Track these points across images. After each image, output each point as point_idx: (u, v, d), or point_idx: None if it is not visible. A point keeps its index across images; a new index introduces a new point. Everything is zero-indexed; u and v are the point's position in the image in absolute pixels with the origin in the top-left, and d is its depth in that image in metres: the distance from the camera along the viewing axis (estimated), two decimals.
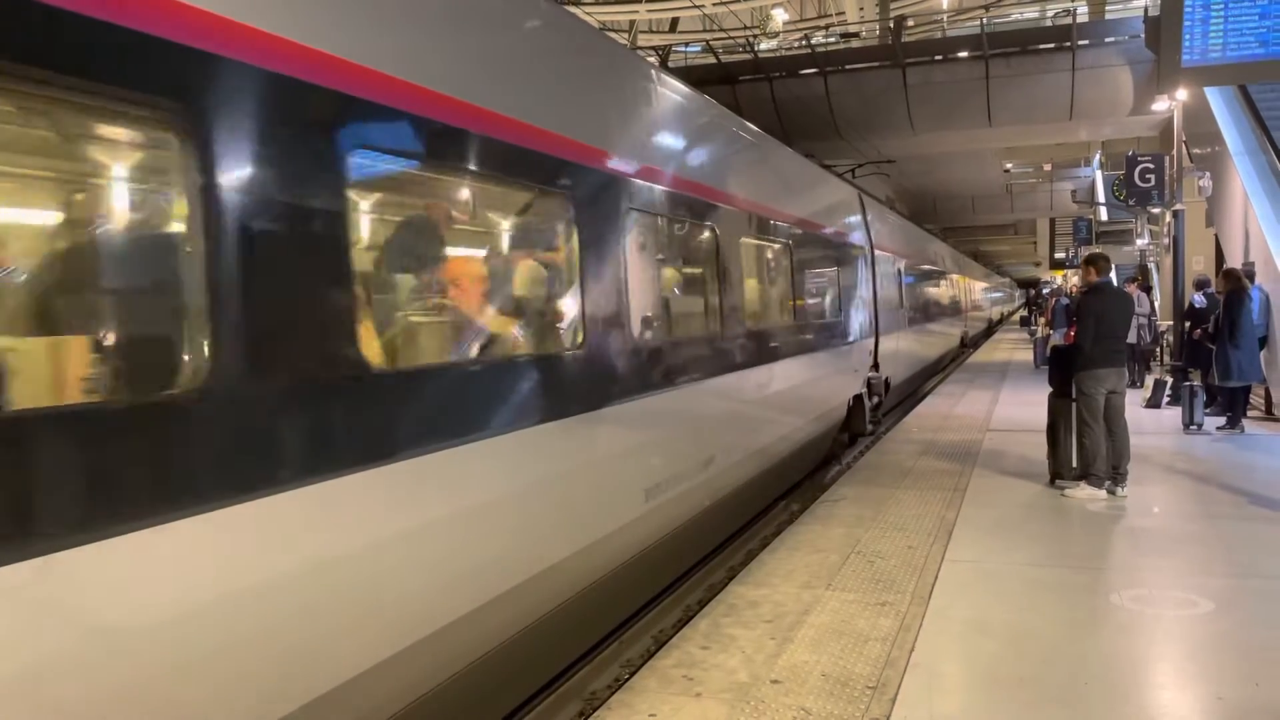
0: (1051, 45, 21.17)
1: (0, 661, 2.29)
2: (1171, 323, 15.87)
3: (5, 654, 2.29)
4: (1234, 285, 11.56)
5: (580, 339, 5.08)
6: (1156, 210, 18.09)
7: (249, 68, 2.89)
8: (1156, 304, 19.35)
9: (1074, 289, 23.27)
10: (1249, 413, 12.21)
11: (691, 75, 20.69)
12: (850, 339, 12.04)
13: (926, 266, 21.71)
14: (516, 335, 4.78)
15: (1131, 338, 13.35)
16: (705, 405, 6.93)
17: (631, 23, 33.03)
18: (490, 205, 4.88)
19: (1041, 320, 26.62)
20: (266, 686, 3.01)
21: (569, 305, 5.08)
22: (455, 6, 4.27)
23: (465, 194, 4.55)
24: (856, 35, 28.33)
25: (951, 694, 4.40)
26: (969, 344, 32.20)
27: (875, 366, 13.47)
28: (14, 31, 2.34)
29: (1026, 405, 13.37)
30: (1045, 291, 35.27)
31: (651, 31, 34.81)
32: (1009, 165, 33.00)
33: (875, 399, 13.31)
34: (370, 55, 3.47)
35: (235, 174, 2.88)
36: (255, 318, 2.92)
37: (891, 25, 26.62)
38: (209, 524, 2.75)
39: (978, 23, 23.47)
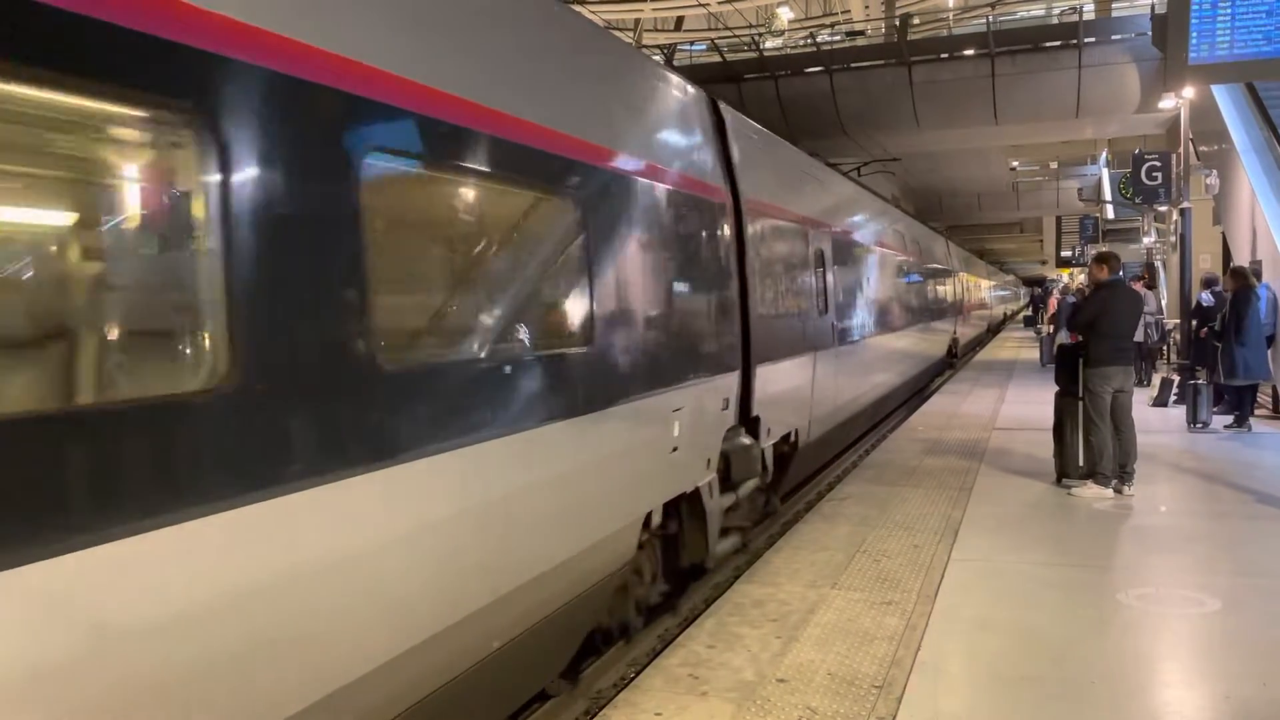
0: (1057, 43, 21.10)
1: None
2: (1178, 321, 15.83)
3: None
4: (1241, 283, 11.54)
5: None
6: (1163, 208, 18.06)
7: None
8: (1164, 302, 19.30)
9: (1080, 286, 23.22)
10: (1256, 411, 12.19)
11: (696, 74, 20.67)
12: (658, 384, 5.75)
13: (883, 250, 14.77)
14: None
15: (1138, 336, 13.33)
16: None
17: (636, 21, 33.02)
18: None
19: (1045, 318, 26.41)
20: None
21: None
22: None
23: None
24: (862, 33, 28.29)
25: (957, 693, 4.39)
26: (960, 353, 25.98)
27: (747, 423, 7.41)
28: None
29: (1033, 404, 13.36)
30: (1051, 290, 34.90)
31: (656, 30, 34.82)
32: (1015, 163, 32.94)
33: (754, 480, 7.53)
34: None
35: None
36: None
37: (897, 23, 26.57)
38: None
39: (983, 20, 23.45)
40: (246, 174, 2.97)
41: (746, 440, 7.32)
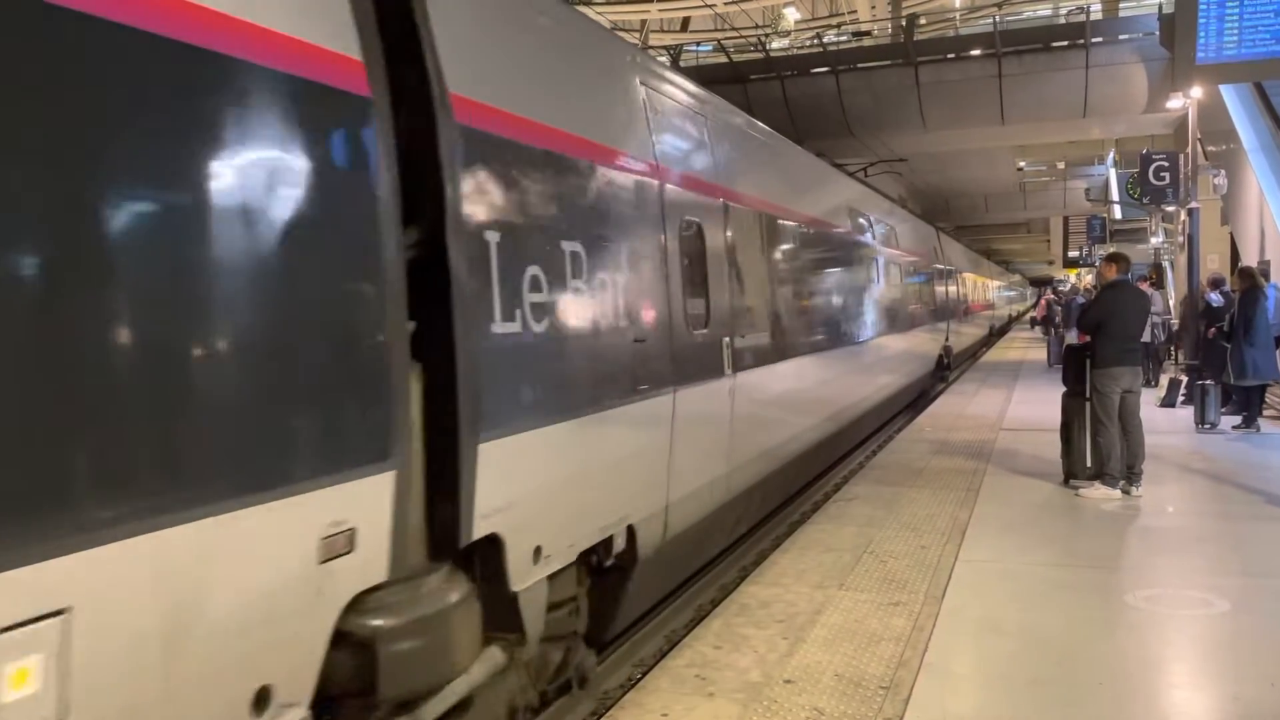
0: (1064, 43, 21.07)
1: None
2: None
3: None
4: (1249, 283, 11.50)
5: None
6: (1171, 208, 18.01)
7: None
8: (1172, 302, 19.25)
9: (1088, 285, 23.15)
10: (1265, 411, 12.14)
11: (703, 74, 20.66)
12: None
13: (831, 233, 11.04)
14: None
15: (1145, 336, 13.28)
16: None
17: (643, 22, 33.05)
18: None
19: (1038, 317, 25.96)
20: None
21: None
22: None
23: None
24: (868, 34, 28.31)
25: (964, 694, 4.39)
26: (953, 364, 22.09)
27: (467, 555, 3.84)
28: None
29: (1040, 404, 13.31)
30: (1054, 292, 34.58)
31: (663, 31, 34.85)
32: (1022, 163, 32.84)
33: (482, 667, 3.85)
34: None
35: None
36: None
37: (903, 23, 26.56)
38: None
39: (990, 20, 23.40)
40: None
41: (448, 595, 3.64)
